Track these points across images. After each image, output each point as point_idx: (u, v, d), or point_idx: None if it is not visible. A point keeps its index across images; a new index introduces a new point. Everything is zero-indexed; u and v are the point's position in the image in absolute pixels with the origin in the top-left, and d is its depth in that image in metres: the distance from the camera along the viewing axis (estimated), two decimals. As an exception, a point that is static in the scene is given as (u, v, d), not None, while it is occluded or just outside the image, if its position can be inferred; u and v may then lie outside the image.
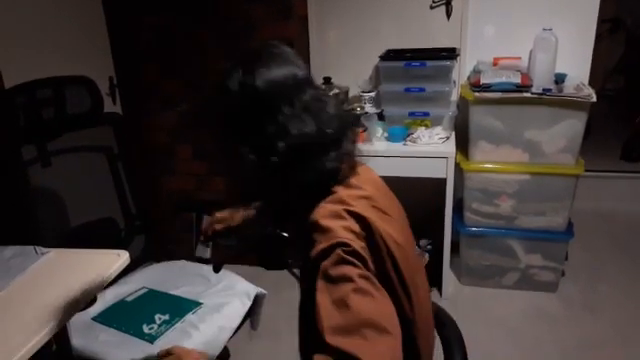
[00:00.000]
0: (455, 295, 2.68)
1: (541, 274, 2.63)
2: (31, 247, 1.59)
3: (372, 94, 2.69)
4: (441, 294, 2.65)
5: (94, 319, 1.82)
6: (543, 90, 2.32)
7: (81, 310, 1.41)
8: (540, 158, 2.46)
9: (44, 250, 1.59)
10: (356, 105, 2.70)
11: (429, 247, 2.76)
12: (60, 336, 1.55)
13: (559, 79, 2.41)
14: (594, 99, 2.27)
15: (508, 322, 2.47)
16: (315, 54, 2.85)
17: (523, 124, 2.42)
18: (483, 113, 2.45)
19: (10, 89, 1.84)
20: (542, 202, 2.52)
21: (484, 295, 2.68)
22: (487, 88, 2.37)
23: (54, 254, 1.57)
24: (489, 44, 2.64)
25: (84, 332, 1.73)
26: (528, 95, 2.33)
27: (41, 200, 1.93)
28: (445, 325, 1.20)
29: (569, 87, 2.37)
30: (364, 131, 2.52)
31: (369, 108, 2.67)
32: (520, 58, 2.55)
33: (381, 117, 2.59)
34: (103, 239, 2.12)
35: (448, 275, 2.62)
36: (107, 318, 1.82)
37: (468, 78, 2.65)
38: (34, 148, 1.86)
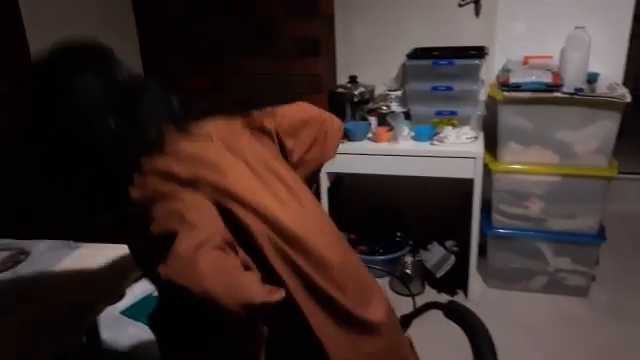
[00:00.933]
0: (481, 298, 2.64)
1: (570, 278, 2.58)
2: (65, 241, 1.63)
3: (398, 93, 2.67)
4: (467, 296, 2.61)
5: (122, 313, 1.85)
6: (575, 90, 2.26)
7: (110, 304, 1.44)
8: (571, 159, 2.40)
9: (76, 245, 1.62)
10: (382, 104, 2.68)
11: (455, 248, 2.73)
12: (90, 330, 1.59)
13: (592, 79, 2.35)
14: (628, 99, 2.20)
15: (535, 327, 2.42)
16: (341, 53, 2.85)
17: (554, 124, 2.37)
18: (512, 113, 2.41)
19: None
20: (573, 204, 2.46)
21: (511, 298, 2.63)
22: (517, 87, 2.33)
23: (85, 249, 1.61)
24: (519, 42, 2.59)
25: (113, 326, 1.77)
26: (559, 95, 2.28)
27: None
28: (476, 332, 1.17)
29: (602, 87, 2.31)
30: (390, 130, 2.51)
31: (395, 107, 2.65)
32: (551, 57, 2.50)
33: (407, 116, 2.57)
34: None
35: (474, 277, 2.59)
36: (135, 312, 1.85)
37: (497, 77, 2.60)
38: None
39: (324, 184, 2.59)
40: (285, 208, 1.00)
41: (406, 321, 1.30)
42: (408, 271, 2.63)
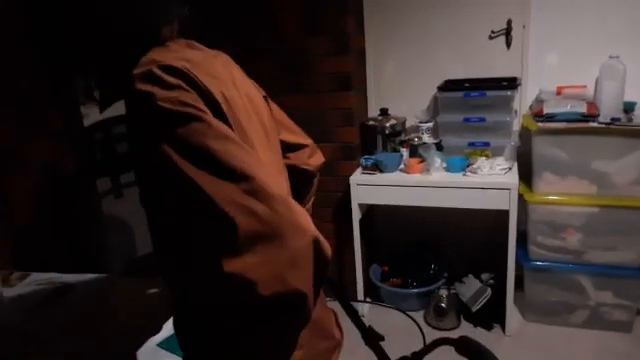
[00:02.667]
0: (519, 332, 2.56)
1: (613, 313, 2.48)
2: (105, 275, 1.67)
3: (430, 124, 2.68)
4: (504, 331, 2.54)
5: (159, 345, 1.87)
6: (611, 119, 2.23)
7: (149, 337, 1.46)
8: (609, 190, 2.35)
9: (116, 278, 1.66)
10: (414, 135, 2.70)
11: (491, 281, 2.67)
12: (128, 362, 1.61)
13: (628, 108, 2.32)
14: (668, 128, 2.16)
15: (578, 363, 2.33)
16: (372, 86, 2.89)
17: (590, 154, 2.33)
18: (547, 143, 2.38)
19: (89, 126, 1.97)
20: (613, 236, 2.39)
21: (550, 333, 2.55)
22: (551, 118, 2.31)
23: (123, 282, 1.64)
24: (552, 73, 2.59)
25: (150, 358, 1.78)
26: (595, 125, 2.26)
27: (112, 229, 2.03)
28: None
29: (639, 116, 2.27)
30: (422, 161, 2.51)
31: (427, 138, 2.65)
32: (585, 87, 2.48)
33: (439, 147, 2.57)
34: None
35: (512, 311, 2.52)
36: (172, 345, 1.87)
37: (530, 107, 2.59)
38: (108, 180, 1.98)
39: (356, 215, 2.60)
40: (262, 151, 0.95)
41: (416, 358, 1.27)
42: (443, 305, 2.58)
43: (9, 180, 1.87)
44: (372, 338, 1.35)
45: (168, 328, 1.94)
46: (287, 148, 1.17)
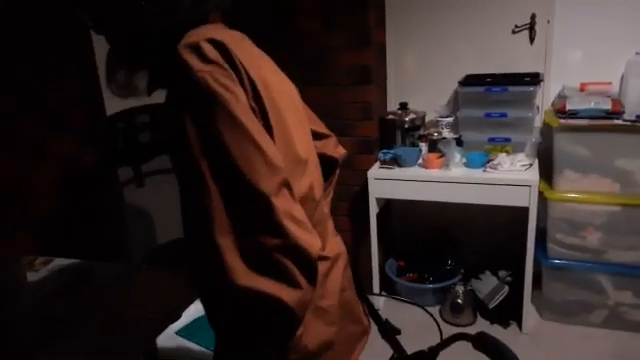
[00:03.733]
0: (536, 331, 2.55)
1: (633, 313, 2.45)
2: (127, 264, 1.71)
3: (450, 119, 2.66)
4: (521, 328, 2.53)
5: (178, 333, 1.90)
6: (637, 117, 2.19)
7: (168, 325, 1.49)
8: (633, 188, 2.31)
9: (138, 267, 1.69)
10: (433, 130, 2.68)
11: (509, 278, 2.65)
12: (149, 349, 1.64)
13: (655, 105, 2.27)
14: (695, 127, 2.11)
15: (595, 363, 2.31)
16: (391, 80, 2.88)
17: (613, 152, 2.30)
18: (569, 140, 2.35)
19: (112, 115, 2.00)
20: (634, 236, 2.35)
21: (568, 332, 2.53)
22: (574, 115, 2.28)
23: (144, 270, 1.67)
24: (575, 69, 2.54)
25: (168, 345, 1.82)
26: (620, 122, 2.22)
27: (133, 218, 2.06)
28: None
29: (666, 114, 2.23)
30: (441, 156, 2.50)
31: (447, 133, 2.64)
32: (610, 83, 2.44)
33: (459, 143, 2.55)
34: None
35: (529, 309, 2.50)
36: (189, 332, 1.90)
37: (552, 104, 2.56)
38: (130, 170, 2.01)
39: (373, 209, 2.60)
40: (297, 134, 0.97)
41: (433, 353, 1.27)
42: (459, 301, 2.57)
43: (34, 169, 1.91)
44: (389, 331, 1.36)
45: (187, 316, 1.97)
46: (314, 137, 1.18)
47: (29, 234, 1.90)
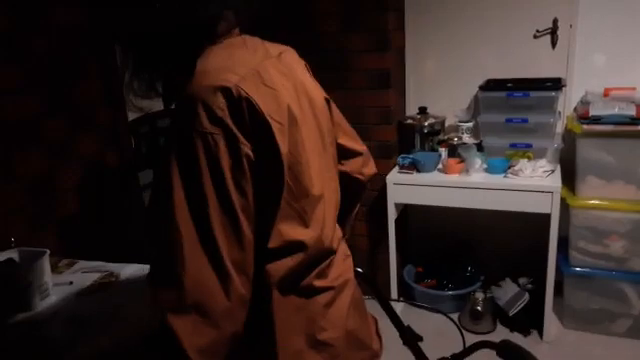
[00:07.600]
0: (558, 339, 2.50)
1: (658, 323, 2.40)
2: (147, 265, 1.71)
3: (470, 124, 2.64)
4: (542, 337, 2.49)
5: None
6: (662, 123, 2.15)
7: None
8: (658, 196, 2.27)
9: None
10: (453, 135, 2.66)
11: (529, 286, 2.61)
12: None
13: (681, 111, 2.23)
14: None
15: (619, 373, 2.27)
16: (410, 84, 2.86)
17: (638, 159, 2.25)
18: (592, 146, 2.31)
19: (133, 120, 2.02)
20: (660, 244, 2.31)
21: (590, 341, 2.48)
22: (597, 120, 2.24)
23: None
24: (599, 74, 2.51)
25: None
26: (645, 128, 2.18)
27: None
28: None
29: (693, 120, 2.19)
30: (461, 162, 2.48)
31: (467, 138, 2.62)
32: (635, 89, 2.40)
33: (480, 148, 2.53)
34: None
35: (550, 317, 2.46)
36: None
37: (575, 109, 2.52)
38: (151, 173, 2.02)
39: (391, 214, 2.58)
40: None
41: None
42: (479, 308, 2.54)
43: (58, 172, 1.94)
44: (411, 338, 1.35)
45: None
46: (342, 154, 1.17)
47: (54, 232, 1.92)
